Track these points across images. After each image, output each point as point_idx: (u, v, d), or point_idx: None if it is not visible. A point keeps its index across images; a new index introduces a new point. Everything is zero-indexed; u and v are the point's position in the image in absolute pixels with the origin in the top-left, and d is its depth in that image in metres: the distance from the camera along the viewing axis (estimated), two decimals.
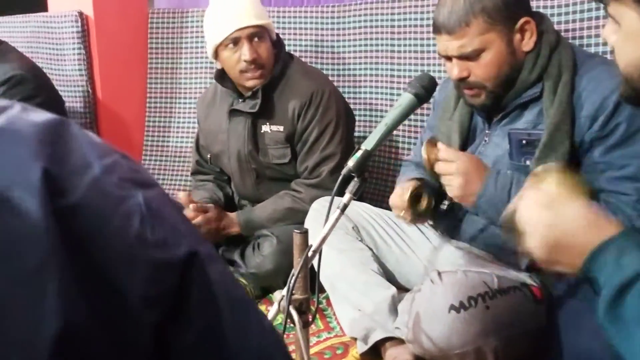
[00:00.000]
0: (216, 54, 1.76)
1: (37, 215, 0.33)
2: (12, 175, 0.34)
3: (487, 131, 1.32)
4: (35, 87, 2.00)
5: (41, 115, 0.38)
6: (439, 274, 1.13)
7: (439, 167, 1.17)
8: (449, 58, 1.24)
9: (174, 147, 2.61)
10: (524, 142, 1.21)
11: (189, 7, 2.55)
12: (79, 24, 2.43)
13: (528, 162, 1.20)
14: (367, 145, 1.06)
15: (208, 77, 2.49)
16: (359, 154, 1.05)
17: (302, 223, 1.55)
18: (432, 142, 1.19)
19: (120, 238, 0.37)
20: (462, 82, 1.25)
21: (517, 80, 1.23)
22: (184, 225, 0.43)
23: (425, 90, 1.10)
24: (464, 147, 1.34)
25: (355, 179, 1.06)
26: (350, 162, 1.05)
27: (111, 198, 0.38)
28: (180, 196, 1.76)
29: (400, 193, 1.29)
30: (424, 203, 1.29)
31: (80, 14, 2.44)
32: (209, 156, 1.99)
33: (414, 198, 1.28)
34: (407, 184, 1.30)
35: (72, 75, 2.51)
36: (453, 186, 1.15)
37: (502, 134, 1.27)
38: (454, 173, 1.15)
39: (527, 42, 1.22)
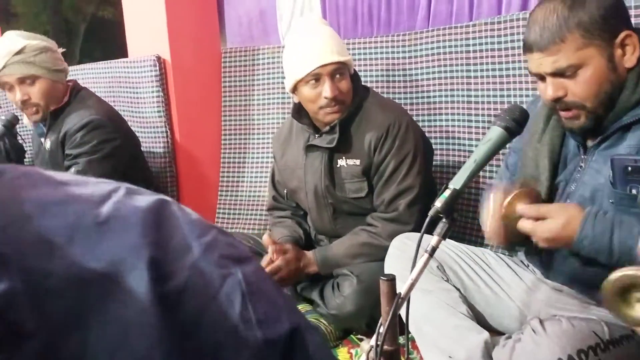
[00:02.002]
0: (294, 89, 1.75)
1: (147, 301, 0.35)
2: (125, 261, 0.36)
3: (582, 156, 1.21)
4: (111, 130, 2.09)
5: (144, 199, 0.40)
6: (541, 322, 1.04)
7: (525, 228, 1.09)
8: (542, 77, 1.15)
9: (249, 183, 2.63)
10: (629, 168, 1.10)
11: (260, 45, 2.60)
12: (157, 67, 2.52)
13: (634, 191, 1.09)
14: (456, 184, 1.00)
15: (281, 112, 2.50)
16: (447, 193, 0.99)
17: (381, 259, 1.50)
18: (525, 194, 1.10)
19: (224, 319, 0.37)
20: (558, 103, 1.15)
21: (618, 100, 1.13)
22: (281, 299, 0.43)
23: (516, 123, 1.03)
24: (554, 173, 1.24)
25: (444, 220, 1.00)
26: (438, 203, 0.99)
27: (212, 278, 0.38)
28: (264, 238, 1.74)
29: (500, 195, 1.16)
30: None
31: (158, 57, 2.53)
32: (285, 192, 1.98)
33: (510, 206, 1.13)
34: (506, 188, 1.17)
35: (152, 117, 2.60)
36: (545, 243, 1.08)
37: (601, 159, 1.16)
38: (546, 232, 1.07)
39: (630, 58, 1.12)
